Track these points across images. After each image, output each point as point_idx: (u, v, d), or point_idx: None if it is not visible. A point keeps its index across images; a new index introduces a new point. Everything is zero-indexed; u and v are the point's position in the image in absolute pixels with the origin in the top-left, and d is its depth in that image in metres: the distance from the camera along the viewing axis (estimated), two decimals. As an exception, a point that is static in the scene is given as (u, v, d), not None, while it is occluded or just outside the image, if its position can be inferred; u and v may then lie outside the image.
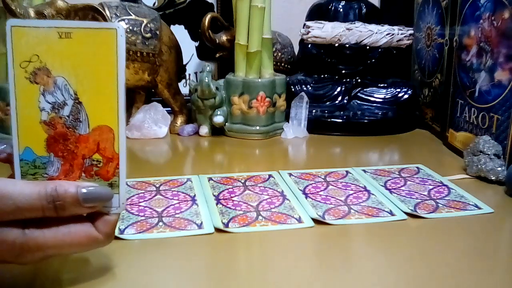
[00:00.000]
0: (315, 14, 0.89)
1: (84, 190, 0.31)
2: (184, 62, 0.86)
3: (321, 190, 0.54)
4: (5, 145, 0.36)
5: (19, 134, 0.32)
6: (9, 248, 0.30)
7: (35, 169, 0.33)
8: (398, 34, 0.84)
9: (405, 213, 0.48)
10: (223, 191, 0.53)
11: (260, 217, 0.46)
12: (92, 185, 0.32)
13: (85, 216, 0.32)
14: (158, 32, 0.74)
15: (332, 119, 0.80)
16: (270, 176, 0.58)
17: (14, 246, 0.30)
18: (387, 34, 0.83)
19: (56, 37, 0.31)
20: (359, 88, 0.85)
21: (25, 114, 0.32)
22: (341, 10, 0.88)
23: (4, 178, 0.31)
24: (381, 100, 0.84)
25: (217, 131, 0.77)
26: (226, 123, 0.77)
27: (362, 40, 0.83)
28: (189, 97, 0.80)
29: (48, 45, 0.31)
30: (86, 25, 0.32)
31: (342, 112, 0.82)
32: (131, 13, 0.72)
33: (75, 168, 0.33)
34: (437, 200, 0.51)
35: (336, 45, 0.84)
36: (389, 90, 0.85)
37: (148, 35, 0.73)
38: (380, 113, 0.82)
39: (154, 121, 0.75)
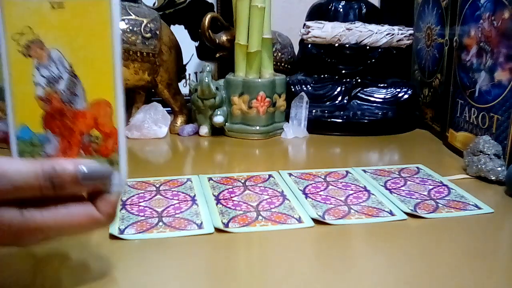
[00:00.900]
0: (315, 14, 0.89)
1: (83, 168, 0.30)
2: (184, 62, 0.86)
3: (321, 190, 0.54)
4: (0, 123, 0.35)
5: (14, 111, 0.31)
6: (6, 229, 0.29)
7: (32, 147, 0.32)
8: (398, 34, 0.84)
9: (405, 213, 0.48)
10: (223, 191, 0.53)
11: (260, 217, 0.46)
12: (91, 163, 0.30)
13: (85, 196, 0.31)
14: (158, 32, 0.74)
15: (332, 119, 0.80)
16: (270, 176, 0.58)
17: (12, 227, 0.29)
18: (387, 34, 0.83)
19: (49, 7, 0.30)
20: (359, 88, 0.85)
21: (19, 90, 0.31)
22: (341, 10, 0.88)
23: (0, 156, 0.30)
24: (381, 100, 0.84)
25: (217, 131, 0.77)
26: (226, 123, 0.77)
27: (362, 40, 0.83)
28: (189, 97, 0.80)
29: (40, 16, 0.30)
30: None
31: (342, 112, 0.82)
32: (131, 13, 0.72)
33: (73, 145, 0.32)
34: (437, 200, 0.51)
35: (336, 45, 0.84)
36: (389, 90, 0.85)
37: (148, 35, 0.73)
38: (380, 113, 0.82)
39: (154, 121, 0.75)
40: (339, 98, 0.84)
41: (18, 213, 0.29)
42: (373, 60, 0.86)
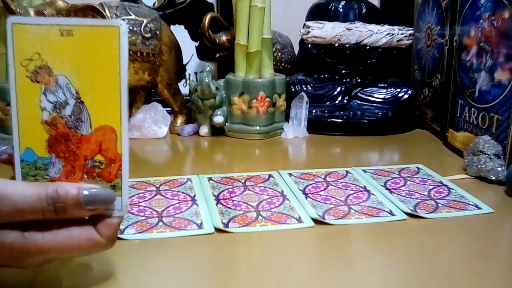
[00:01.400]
0: (315, 14, 0.89)
1: (85, 192, 0.30)
2: (184, 62, 0.86)
3: (321, 190, 0.54)
4: (5, 146, 0.36)
5: (20, 135, 0.32)
6: (8, 251, 0.29)
7: (36, 170, 0.32)
8: (398, 34, 0.84)
9: (405, 213, 0.48)
10: (223, 191, 0.53)
11: (260, 217, 0.46)
12: (94, 187, 0.31)
13: (86, 219, 0.32)
14: (158, 32, 0.74)
15: (332, 119, 0.80)
16: (270, 176, 0.58)
17: (13, 249, 0.29)
18: (387, 34, 0.83)
19: (58, 34, 0.31)
20: (359, 88, 0.85)
21: (26, 114, 0.31)
22: (341, 10, 0.88)
23: (4, 179, 0.30)
24: (381, 100, 0.84)
25: (217, 131, 0.77)
26: (226, 123, 0.77)
27: (362, 40, 0.83)
28: (189, 97, 0.80)
29: (49, 43, 0.31)
30: (88, 22, 0.31)
31: (342, 112, 0.82)
32: (131, 13, 0.72)
33: (76, 170, 0.32)
34: (437, 200, 0.51)
35: (336, 45, 0.84)
36: (389, 90, 0.85)
37: (148, 35, 0.73)
38: (380, 113, 0.82)
39: (154, 121, 0.75)
40: (339, 98, 0.84)
41: (20, 235, 0.30)
42: (373, 60, 0.86)
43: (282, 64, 0.90)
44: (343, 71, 0.86)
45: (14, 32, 0.31)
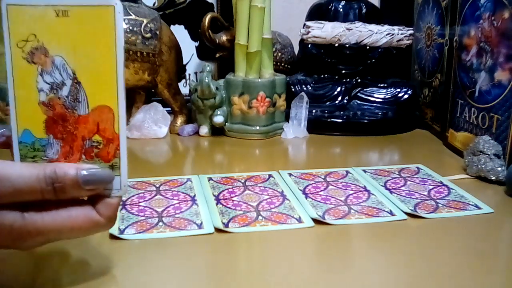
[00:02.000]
0: (315, 14, 0.89)
1: (84, 172, 0.30)
2: (184, 62, 0.86)
3: (321, 190, 0.54)
4: (3, 129, 0.35)
5: (17, 116, 0.31)
6: (7, 232, 0.29)
7: (34, 151, 0.32)
8: (398, 34, 0.84)
9: (405, 213, 0.48)
10: (223, 191, 0.53)
11: (260, 217, 0.46)
12: (93, 167, 0.31)
13: (86, 199, 0.32)
14: (158, 32, 0.74)
15: (332, 119, 0.80)
16: (270, 176, 0.58)
17: (13, 229, 0.29)
18: (387, 34, 0.83)
19: (53, 15, 0.31)
20: (359, 88, 0.85)
21: (23, 95, 0.31)
22: (341, 10, 0.88)
23: (2, 160, 0.30)
24: (381, 100, 0.84)
25: (217, 131, 0.77)
26: (226, 123, 0.77)
27: (362, 40, 0.83)
28: (189, 97, 0.80)
29: (45, 23, 0.31)
30: (83, 2, 0.31)
31: (342, 112, 0.82)
32: (131, 13, 0.72)
33: (75, 150, 0.32)
34: (437, 200, 0.51)
35: (336, 45, 0.84)
36: (389, 90, 0.85)
37: (148, 35, 0.73)
38: (380, 113, 0.82)
39: (154, 121, 0.75)
40: (339, 98, 0.84)
41: (19, 216, 0.30)
42: (373, 60, 0.86)
43: (282, 64, 0.90)
44: (343, 71, 0.86)
45: (9, 14, 0.31)
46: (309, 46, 0.86)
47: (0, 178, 0.29)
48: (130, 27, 0.71)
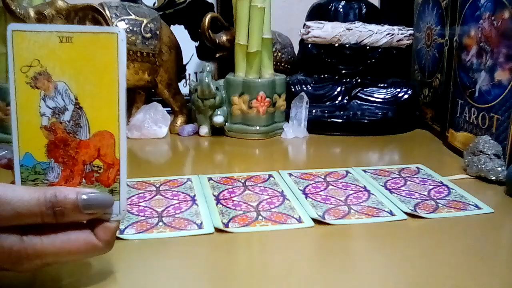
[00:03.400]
0: (315, 14, 0.89)
1: (84, 197, 0.31)
2: (184, 62, 0.86)
3: (321, 190, 0.54)
4: (5, 151, 0.36)
5: (19, 140, 0.32)
6: (6, 254, 0.30)
7: (35, 175, 0.32)
8: (398, 34, 0.84)
9: (405, 213, 0.48)
10: (223, 191, 0.53)
11: (260, 217, 0.46)
12: (93, 192, 0.31)
13: (85, 223, 0.32)
14: (158, 32, 0.74)
15: (332, 119, 0.80)
16: (270, 176, 0.58)
17: (12, 253, 0.30)
18: (387, 34, 0.83)
19: (57, 41, 0.31)
20: (359, 88, 0.85)
21: (25, 119, 0.32)
22: (341, 10, 0.88)
23: (4, 183, 0.31)
24: (381, 100, 0.84)
25: (217, 131, 0.77)
26: (226, 123, 0.77)
27: (362, 40, 0.83)
28: (189, 97, 0.80)
29: (49, 49, 0.31)
30: (87, 29, 0.32)
31: (342, 112, 0.82)
32: (131, 13, 0.72)
33: (75, 174, 0.33)
34: (437, 200, 0.51)
35: (336, 45, 0.84)
36: (389, 90, 0.85)
37: (148, 35, 0.73)
38: (380, 113, 0.82)
39: (154, 121, 0.75)
40: (339, 98, 0.84)
41: (18, 239, 0.30)
42: (373, 60, 0.86)
43: (282, 64, 0.90)
44: (343, 71, 0.86)
45: (14, 39, 0.31)
46: (309, 46, 0.86)
47: (1, 201, 0.29)
48: (130, 27, 0.71)
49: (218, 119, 0.75)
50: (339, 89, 0.85)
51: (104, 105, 0.32)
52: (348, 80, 0.85)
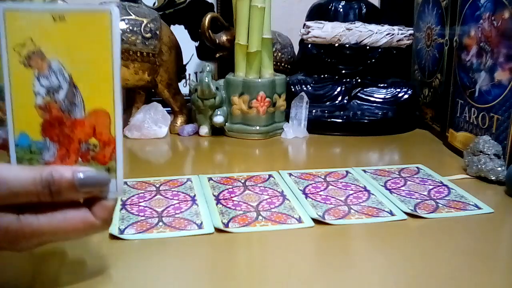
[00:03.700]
0: (315, 14, 0.89)
1: (80, 175, 0.30)
2: (184, 62, 0.86)
3: (321, 190, 0.54)
4: (0, 131, 0.36)
5: (14, 119, 0.32)
6: (3, 234, 0.30)
7: (30, 154, 0.32)
8: (398, 34, 0.84)
9: (405, 213, 0.48)
10: (223, 191, 0.53)
11: (260, 217, 0.46)
12: (89, 170, 0.31)
13: (81, 202, 0.32)
14: (158, 32, 0.74)
15: (332, 119, 0.80)
16: (270, 176, 0.58)
17: (8, 232, 0.30)
18: (387, 34, 0.83)
19: (50, 20, 0.31)
20: (359, 88, 0.85)
21: (19, 99, 0.32)
22: (341, 10, 0.88)
23: None
24: (381, 100, 0.84)
25: (217, 131, 0.77)
26: (226, 123, 0.77)
27: (362, 40, 0.83)
28: (189, 97, 0.80)
29: (42, 28, 0.31)
30: (80, 7, 0.31)
31: (342, 112, 0.82)
32: (131, 13, 0.72)
33: (71, 153, 0.32)
34: (437, 200, 0.51)
35: (336, 45, 0.84)
36: (389, 90, 0.85)
37: (148, 35, 0.73)
38: (380, 113, 0.82)
39: (154, 121, 0.75)
40: (339, 98, 0.84)
41: (15, 218, 0.30)
42: (373, 60, 0.86)
43: (282, 64, 0.90)
44: (343, 71, 0.86)
45: (6, 18, 0.31)
46: (309, 46, 0.86)
47: None
48: (130, 27, 0.71)
49: (218, 119, 0.75)
50: (339, 89, 0.85)
51: (99, 83, 0.32)
52: (348, 80, 0.85)
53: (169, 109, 0.80)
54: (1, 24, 0.31)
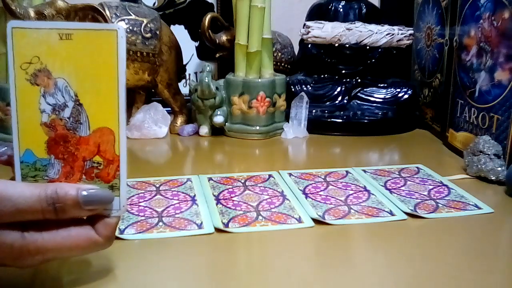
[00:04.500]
0: (315, 14, 0.89)
1: (84, 193, 0.31)
2: (184, 62, 0.86)
3: (321, 190, 0.54)
4: (5, 148, 0.36)
5: (19, 136, 0.32)
6: (7, 251, 0.30)
7: (35, 171, 0.32)
8: (398, 34, 0.84)
9: (405, 213, 0.48)
10: (223, 191, 0.53)
11: (260, 217, 0.46)
12: (93, 188, 0.31)
13: (85, 219, 0.32)
14: (158, 32, 0.74)
15: (332, 119, 0.80)
16: (270, 176, 0.58)
17: (13, 249, 0.30)
18: (387, 34, 0.83)
19: (57, 38, 0.31)
20: (359, 88, 0.85)
21: (25, 116, 0.32)
22: (341, 10, 0.88)
23: (4, 180, 0.31)
24: (381, 100, 0.84)
25: (217, 131, 0.77)
26: (226, 123, 0.77)
27: (362, 40, 0.83)
28: (189, 97, 0.80)
29: (48, 46, 0.31)
30: (86, 26, 0.32)
31: (342, 112, 0.82)
32: (131, 13, 0.72)
33: (75, 170, 0.33)
34: (437, 200, 0.51)
35: (336, 45, 0.84)
36: (389, 90, 0.85)
37: (148, 35, 0.73)
38: (380, 113, 0.82)
39: (154, 121, 0.75)
40: (339, 98, 0.84)
41: (19, 235, 0.30)
42: (373, 60, 0.86)
43: (282, 64, 0.90)
44: (343, 71, 0.86)
45: (14, 36, 0.31)
46: (309, 46, 0.86)
47: (2, 198, 0.29)
48: (130, 27, 0.71)
49: (218, 119, 0.75)
50: (339, 89, 0.85)
51: (104, 101, 0.32)
52: (348, 80, 0.85)
53: (169, 109, 0.80)
54: (9, 41, 0.31)
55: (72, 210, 0.30)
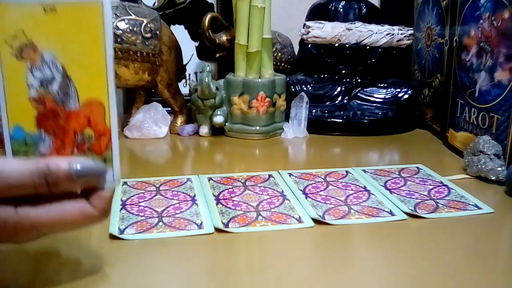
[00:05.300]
0: (315, 14, 0.89)
1: (77, 165, 0.30)
2: (184, 62, 0.86)
3: (321, 190, 0.54)
4: None
5: (8, 112, 0.32)
6: (2, 227, 0.30)
7: (26, 146, 0.32)
8: (398, 34, 0.84)
9: (405, 213, 0.48)
10: (223, 191, 0.53)
11: (260, 217, 0.46)
12: (85, 160, 0.31)
13: (79, 193, 0.32)
14: (158, 32, 0.74)
15: (332, 119, 0.80)
16: (270, 176, 0.58)
17: (7, 225, 0.30)
18: (387, 34, 0.83)
19: (41, 11, 0.31)
20: (359, 88, 0.85)
21: (13, 91, 0.32)
22: (341, 10, 0.88)
23: None
24: (381, 100, 0.84)
25: (217, 131, 0.77)
26: (226, 123, 0.77)
27: (362, 40, 0.83)
28: (189, 97, 0.80)
29: (33, 20, 0.31)
30: None
31: (342, 112, 0.82)
32: (131, 13, 0.72)
33: (67, 144, 0.32)
34: (437, 200, 0.51)
35: (336, 45, 0.84)
36: (389, 90, 0.85)
37: (148, 35, 0.73)
38: (380, 113, 0.82)
39: (154, 121, 0.75)
40: (339, 98, 0.84)
41: (13, 210, 0.30)
42: (373, 60, 0.86)
43: (282, 64, 0.90)
44: (343, 71, 0.86)
45: None
46: (309, 46, 0.86)
47: None
48: (130, 27, 0.71)
49: (218, 119, 0.75)
50: (339, 89, 0.85)
51: (92, 74, 0.32)
52: (348, 80, 0.85)
53: (169, 109, 0.80)
54: None
55: (65, 183, 0.30)
